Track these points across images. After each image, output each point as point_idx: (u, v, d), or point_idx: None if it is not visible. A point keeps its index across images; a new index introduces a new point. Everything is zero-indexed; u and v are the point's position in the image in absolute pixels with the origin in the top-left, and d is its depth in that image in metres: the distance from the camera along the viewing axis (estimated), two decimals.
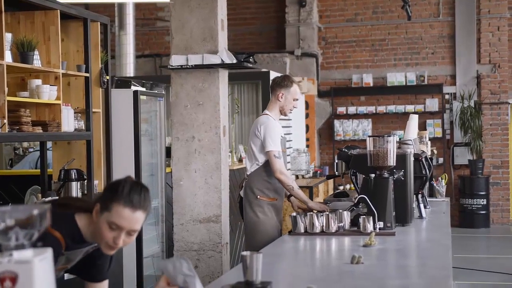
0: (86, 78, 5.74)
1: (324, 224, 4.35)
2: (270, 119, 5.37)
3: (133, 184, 2.71)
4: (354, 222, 4.46)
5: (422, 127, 12.68)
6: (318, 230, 4.34)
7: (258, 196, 5.34)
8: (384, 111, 13.13)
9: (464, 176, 12.84)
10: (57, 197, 5.13)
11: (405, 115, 12.94)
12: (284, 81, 5.46)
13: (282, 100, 5.42)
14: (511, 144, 13.21)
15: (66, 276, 4.46)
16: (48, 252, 1.81)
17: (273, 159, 5.23)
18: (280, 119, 5.57)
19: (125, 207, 2.63)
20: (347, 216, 4.45)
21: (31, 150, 9.07)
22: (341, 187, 12.46)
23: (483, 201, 12.61)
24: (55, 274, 2.56)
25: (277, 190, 5.36)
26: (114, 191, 2.66)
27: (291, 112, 5.59)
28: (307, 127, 12.79)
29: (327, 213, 4.41)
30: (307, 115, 12.77)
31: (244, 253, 2.78)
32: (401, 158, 4.66)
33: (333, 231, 4.33)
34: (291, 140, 10.72)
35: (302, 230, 4.38)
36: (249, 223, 5.37)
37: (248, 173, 5.43)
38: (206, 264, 5.87)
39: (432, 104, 13.02)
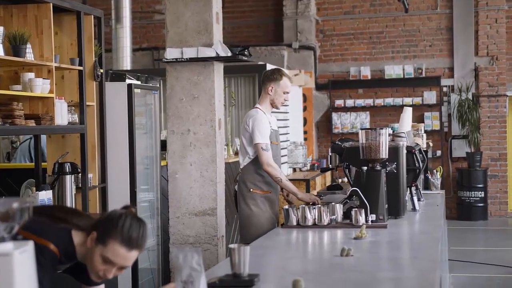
0: (80, 72, 5.73)
1: (316, 217, 4.36)
2: (259, 112, 5.38)
3: (133, 220, 2.67)
4: (347, 215, 4.46)
5: (420, 119, 12.68)
6: (310, 223, 4.35)
7: (251, 189, 5.36)
8: (382, 104, 13.13)
9: (462, 169, 12.84)
10: (53, 205, 5.05)
11: (403, 108, 12.90)
12: (274, 75, 5.46)
13: (272, 93, 5.43)
14: (509, 136, 13.21)
15: None
16: (29, 245, 1.82)
17: (260, 151, 5.26)
18: (277, 112, 5.59)
19: (122, 246, 2.61)
20: (339, 209, 4.45)
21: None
22: (339, 180, 12.48)
23: (481, 194, 12.61)
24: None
25: (270, 183, 5.38)
26: (113, 225, 2.62)
27: (283, 105, 5.59)
28: (305, 120, 12.79)
29: (319, 205, 4.42)
30: (305, 108, 12.77)
31: (232, 246, 2.79)
32: (394, 151, 4.66)
33: (325, 223, 4.34)
34: (289, 133, 10.72)
35: (295, 223, 4.38)
36: (243, 216, 5.39)
37: (241, 167, 5.46)
38: (202, 257, 5.87)
39: (430, 96, 13.01)
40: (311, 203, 5.07)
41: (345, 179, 11.92)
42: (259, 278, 2.83)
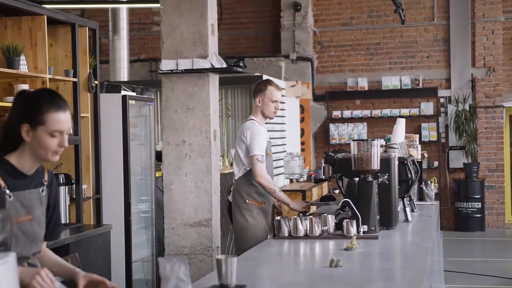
0: (74, 83, 5.76)
1: (308, 228, 4.36)
2: (255, 124, 5.43)
3: (47, 91, 2.86)
4: (339, 225, 4.46)
5: (417, 130, 12.70)
6: (302, 233, 4.35)
7: (247, 200, 5.39)
8: (379, 115, 13.15)
9: (459, 180, 12.85)
10: None
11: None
12: (259, 86, 5.58)
13: (260, 104, 5.53)
14: (506, 147, 13.23)
15: None
16: (11, 257, 1.83)
17: (255, 163, 5.30)
18: (274, 123, 5.64)
19: (58, 112, 2.76)
20: (331, 220, 4.46)
21: None
22: (337, 191, 12.47)
23: (478, 205, 12.61)
24: (17, 227, 2.67)
25: (264, 193, 5.40)
26: (38, 105, 2.75)
27: (275, 113, 5.61)
28: (302, 131, 12.81)
29: (311, 217, 4.42)
30: (302, 119, 12.79)
31: (219, 257, 2.80)
32: (386, 162, 4.67)
33: (317, 234, 4.35)
34: (285, 144, 10.74)
35: (286, 234, 4.39)
36: (238, 227, 5.41)
37: (236, 178, 5.50)
38: (197, 268, 5.87)
39: (427, 107, 13.03)
40: (303, 212, 5.11)
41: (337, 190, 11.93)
42: None
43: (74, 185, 5.73)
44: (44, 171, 2.94)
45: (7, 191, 2.75)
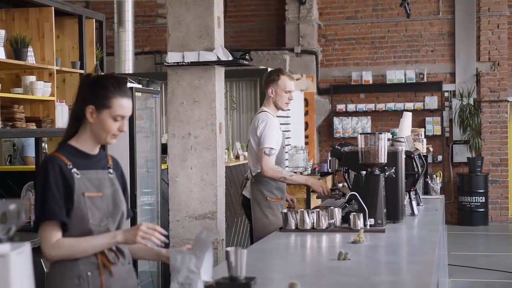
0: (81, 75, 5.76)
1: (315, 221, 4.37)
2: (269, 116, 5.32)
3: (114, 77, 2.99)
4: (346, 219, 4.47)
5: (421, 124, 12.69)
6: (308, 226, 4.36)
7: (268, 198, 5.30)
8: (384, 109, 13.14)
9: (463, 174, 12.85)
10: None
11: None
12: (271, 76, 5.40)
13: (273, 95, 5.38)
14: (510, 142, 13.22)
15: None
16: (26, 246, 1.84)
17: (262, 156, 5.21)
18: (278, 116, 5.56)
19: (123, 98, 2.90)
20: (338, 213, 4.46)
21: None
22: (340, 185, 12.47)
23: (481, 199, 12.62)
24: (89, 201, 2.85)
25: (282, 188, 5.35)
26: (106, 90, 2.89)
27: (287, 105, 5.48)
28: (307, 124, 12.81)
29: (318, 210, 4.43)
30: (306, 113, 12.79)
31: (229, 249, 2.81)
32: (393, 155, 4.67)
33: (324, 227, 4.35)
34: (290, 137, 10.74)
35: (293, 227, 4.39)
36: (259, 224, 5.28)
37: (253, 174, 5.36)
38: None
39: (432, 101, 13.03)
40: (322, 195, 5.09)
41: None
42: (255, 281, 2.85)
43: None
44: (107, 156, 3.07)
45: (74, 170, 2.87)
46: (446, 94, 13.13)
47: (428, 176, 6.77)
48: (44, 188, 2.82)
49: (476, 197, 12.61)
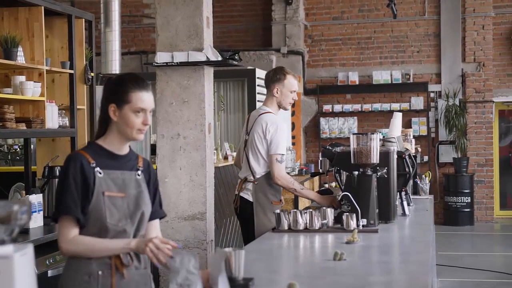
0: (71, 75, 5.72)
1: (308, 221, 4.37)
2: (278, 120, 5.15)
3: (131, 74, 3.08)
4: (338, 219, 4.47)
5: (408, 125, 12.73)
6: (301, 227, 4.35)
7: (273, 202, 5.16)
8: (370, 109, 13.17)
9: (448, 174, 12.91)
10: None
11: (391, 113, 12.85)
12: (277, 75, 5.22)
13: (278, 95, 5.20)
14: (495, 142, 13.30)
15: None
16: (29, 248, 1.82)
17: (274, 162, 5.02)
18: None
19: (141, 92, 2.96)
20: (330, 214, 4.46)
21: (16, 147, 9.03)
22: (326, 185, 12.50)
23: (467, 199, 12.68)
24: (109, 200, 2.87)
25: (280, 191, 5.24)
26: (123, 86, 2.96)
27: (291, 104, 5.36)
28: (293, 124, 12.81)
29: (311, 210, 4.42)
30: (293, 113, 12.80)
31: (227, 249, 2.80)
32: (385, 156, 4.68)
33: (317, 228, 4.35)
34: None
35: (286, 227, 4.38)
36: (262, 228, 5.05)
37: (257, 176, 5.17)
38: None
39: (418, 102, 13.08)
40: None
41: (333, 184, 11.96)
42: (253, 282, 2.84)
43: None
44: (138, 157, 3.10)
45: (97, 168, 2.91)
46: (432, 95, 13.18)
47: (417, 176, 6.78)
48: (63, 184, 2.88)
49: (462, 197, 12.67)
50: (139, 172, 3.05)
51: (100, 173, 2.91)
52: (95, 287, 2.89)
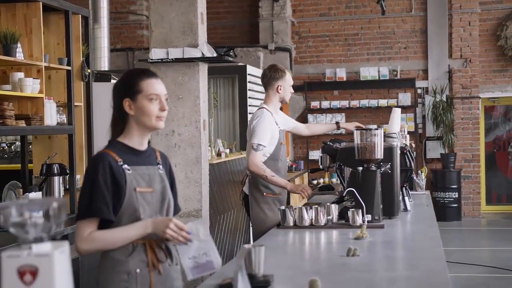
0: (68, 72, 5.66)
1: (313, 218, 4.35)
2: (265, 113, 5.32)
3: (136, 68, 3.17)
4: (342, 215, 4.46)
5: None
6: (307, 223, 4.34)
7: (264, 193, 5.30)
8: (358, 106, 13.19)
9: (436, 170, 12.96)
10: None
11: (378, 109, 13.04)
12: (277, 73, 5.44)
13: (281, 91, 5.47)
14: (482, 138, 13.38)
15: None
16: (66, 245, 1.78)
17: (249, 150, 5.21)
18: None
19: (150, 79, 2.96)
20: (335, 210, 4.45)
21: (3, 145, 8.93)
22: (321, 180, 12.51)
23: (454, 195, 12.75)
24: (141, 196, 2.88)
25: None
26: (132, 79, 2.96)
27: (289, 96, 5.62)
28: None
29: (316, 206, 4.41)
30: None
31: (247, 246, 2.77)
32: (388, 151, 4.68)
33: (322, 224, 4.34)
34: None
35: (291, 224, 4.37)
36: (257, 220, 5.30)
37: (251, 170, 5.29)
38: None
39: (405, 98, 13.12)
40: (303, 197, 5.11)
41: (325, 180, 11.96)
42: (273, 278, 2.82)
43: (68, 175, 5.64)
44: (155, 152, 3.08)
45: (125, 166, 2.89)
46: (419, 91, 13.23)
47: (414, 172, 6.79)
48: (93, 185, 2.84)
49: (450, 193, 12.73)
50: (160, 166, 3.04)
51: (128, 169, 2.90)
52: (134, 286, 2.86)
